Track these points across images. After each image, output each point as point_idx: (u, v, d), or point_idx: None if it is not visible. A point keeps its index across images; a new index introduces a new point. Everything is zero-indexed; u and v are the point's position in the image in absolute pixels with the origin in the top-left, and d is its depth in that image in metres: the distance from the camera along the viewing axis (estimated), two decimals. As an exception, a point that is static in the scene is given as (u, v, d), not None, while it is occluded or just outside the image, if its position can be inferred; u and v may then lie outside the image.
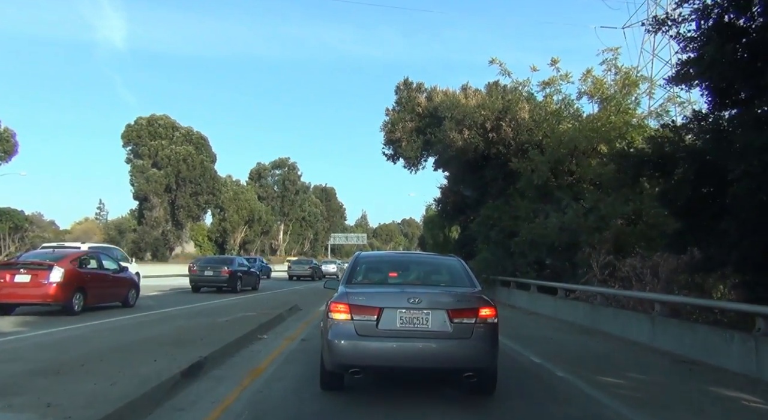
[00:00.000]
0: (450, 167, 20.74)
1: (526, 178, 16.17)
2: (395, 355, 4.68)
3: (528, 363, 7.35)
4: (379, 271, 6.09)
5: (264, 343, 8.16)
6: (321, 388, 5.21)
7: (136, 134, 65.54)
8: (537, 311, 14.46)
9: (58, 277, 10.74)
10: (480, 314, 4.78)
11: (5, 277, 10.75)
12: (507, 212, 17.43)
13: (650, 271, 12.71)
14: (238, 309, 12.56)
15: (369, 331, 4.68)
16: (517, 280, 16.82)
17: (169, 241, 66.93)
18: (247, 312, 11.67)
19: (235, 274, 20.16)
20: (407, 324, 4.71)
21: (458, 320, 4.72)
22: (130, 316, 11.12)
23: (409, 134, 19.99)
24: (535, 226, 15.58)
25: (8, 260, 12.30)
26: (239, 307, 13.33)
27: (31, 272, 10.83)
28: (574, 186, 16.50)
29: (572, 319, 12.06)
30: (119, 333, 8.34)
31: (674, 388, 6.11)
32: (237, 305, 14.03)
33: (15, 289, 10.71)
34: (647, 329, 9.10)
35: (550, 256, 15.68)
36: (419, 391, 5.34)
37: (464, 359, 4.72)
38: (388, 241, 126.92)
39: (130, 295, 13.38)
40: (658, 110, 15.93)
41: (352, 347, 4.67)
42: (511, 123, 17.62)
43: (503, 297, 18.23)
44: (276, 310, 12.07)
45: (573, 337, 9.95)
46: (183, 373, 5.39)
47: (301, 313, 13.08)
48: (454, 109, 18.83)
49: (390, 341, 4.67)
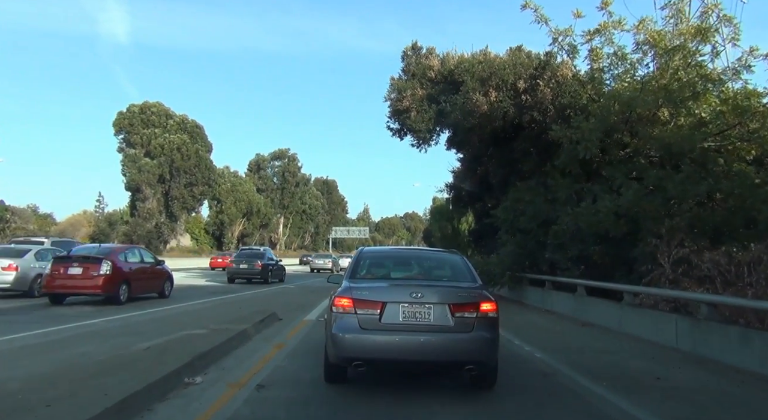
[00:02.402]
0: (468, 142, 17.11)
1: (569, 151, 12.76)
2: (398, 348, 4.70)
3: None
4: (382, 266, 6.11)
5: (186, 397, 4.78)
6: (325, 381, 5.23)
7: (128, 122, 63.73)
8: (591, 321, 11.09)
9: (107, 270, 11.66)
10: (481, 308, 4.81)
11: (59, 269, 11.70)
12: (542, 195, 14.04)
13: (747, 267, 9.43)
14: (250, 305, 12.96)
15: (372, 325, 4.73)
16: (555, 280, 13.47)
17: (163, 233, 64.82)
18: (220, 324, 8.66)
19: (266, 267, 22.00)
20: (410, 318, 4.75)
21: (460, 314, 4.77)
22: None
23: (419, 102, 16.48)
24: (581, 211, 12.22)
25: (59, 255, 13.14)
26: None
27: (83, 265, 11.71)
28: (627, 161, 13.11)
29: (658, 339, 8.49)
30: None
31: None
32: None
33: (68, 280, 11.62)
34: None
35: (599, 248, 12.34)
36: (422, 384, 5.38)
37: (465, 353, 4.75)
38: (391, 235, 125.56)
39: (166, 286, 14.36)
40: (736, 66, 12.48)
41: (355, 340, 4.71)
42: (550, 82, 14.18)
43: (536, 299, 14.88)
44: (241, 324, 8.79)
45: (687, 372, 6.49)
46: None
47: (279, 325, 9.82)
48: (477, 65, 15.29)
49: (393, 335, 4.70)
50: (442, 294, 4.89)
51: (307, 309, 12.39)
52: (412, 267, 6.14)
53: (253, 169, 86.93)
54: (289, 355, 6.90)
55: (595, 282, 11.45)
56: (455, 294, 4.94)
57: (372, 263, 5.98)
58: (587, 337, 9.51)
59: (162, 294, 14.02)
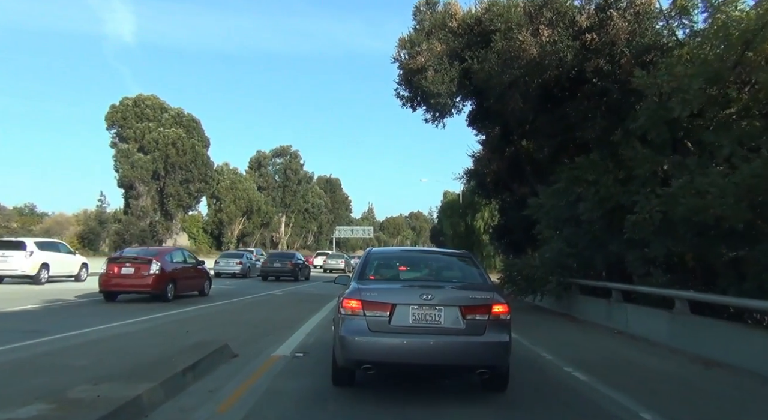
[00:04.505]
0: (501, 110, 13.01)
1: (653, 109, 9.06)
2: (408, 351, 4.62)
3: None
4: (391, 267, 6.05)
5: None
6: (333, 384, 5.21)
7: (122, 116, 61.41)
8: (713, 356, 7.33)
9: (156, 270, 12.82)
10: (493, 311, 4.72)
11: (113, 269, 12.82)
12: (611, 173, 10.31)
13: None
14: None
15: (381, 327, 4.64)
16: (635, 290, 9.73)
17: (158, 232, 62.04)
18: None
19: (296, 267, 25.27)
20: (420, 320, 4.67)
21: (471, 317, 4.68)
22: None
23: (437, 60, 12.71)
24: (678, 192, 8.52)
25: (113, 256, 14.34)
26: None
27: (135, 265, 12.82)
28: (730, 126, 9.37)
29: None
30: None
31: None
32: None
33: (121, 279, 12.76)
34: None
35: (702, 244, 8.64)
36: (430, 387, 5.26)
37: (477, 356, 4.66)
38: (395, 235, 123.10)
39: (206, 285, 15.39)
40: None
41: (364, 343, 4.63)
42: (626, 13, 10.37)
43: (596, 314, 11.18)
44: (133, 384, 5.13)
45: None
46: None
47: (224, 371, 6.08)
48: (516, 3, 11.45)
49: (402, 337, 4.63)
50: (452, 296, 4.86)
51: (284, 332, 8.82)
52: (421, 268, 6.11)
53: (253, 167, 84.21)
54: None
55: (722, 297, 7.68)
56: (466, 296, 4.87)
57: (380, 264, 5.93)
58: (745, 395, 5.79)
59: (202, 292, 15.09)
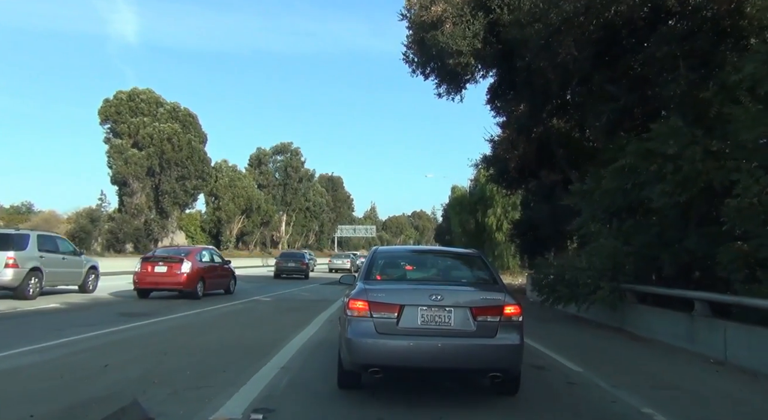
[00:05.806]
0: (537, 72, 10.17)
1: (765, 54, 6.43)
2: (417, 354, 4.50)
3: None
4: (398, 267, 5.94)
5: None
6: (338, 387, 5.11)
7: (115, 110, 59.42)
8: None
9: (187, 269, 13.68)
10: (505, 312, 4.61)
11: (147, 268, 13.75)
12: (699, 143, 7.63)
13: None
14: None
15: (389, 329, 4.53)
16: (741, 302, 7.10)
17: (153, 231, 59.72)
18: None
19: (308, 265, 27.57)
20: (429, 322, 4.55)
21: (482, 318, 4.57)
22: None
23: (458, 10, 10.19)
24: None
25: (146, 255, 15.16)
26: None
27: (167, 264, 13.77)
28: None
29: None
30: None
31: None
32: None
33: (155, 277, 13.67)
34: None
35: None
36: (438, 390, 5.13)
37: (488, 359, 4.57)
38: (398, 234, 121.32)
39: (231, 284, 16.37)
40: None
41: (371, 346, 4.51)
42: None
43: (667, 331, 8.56)
44: None
45: None
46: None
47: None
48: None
49: (411, 340, 4.50)
50: (463, 296, 4.74)
51: (247, 366, 6.09)
52: (429, 268, 5.98)
53: (253, 164, 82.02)
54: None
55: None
56: (477, 297, 4.79)
57: (387, 263, 5.80)
58: None
59: (227, 290, 15.91)
